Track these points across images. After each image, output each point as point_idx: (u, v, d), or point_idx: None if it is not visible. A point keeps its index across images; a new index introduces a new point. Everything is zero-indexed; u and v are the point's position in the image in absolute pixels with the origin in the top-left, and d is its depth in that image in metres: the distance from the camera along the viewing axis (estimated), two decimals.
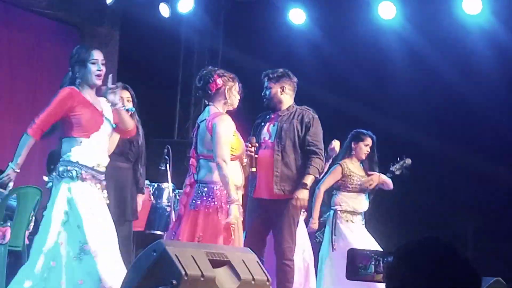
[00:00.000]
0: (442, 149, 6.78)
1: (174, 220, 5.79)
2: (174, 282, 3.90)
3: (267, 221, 4.99)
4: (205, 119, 4.51)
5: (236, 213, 4.50)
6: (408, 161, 5.80)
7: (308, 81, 6.64)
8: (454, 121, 7.20)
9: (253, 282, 4.27)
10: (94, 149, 4.23)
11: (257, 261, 4.47)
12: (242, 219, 4.78)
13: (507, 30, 6.92)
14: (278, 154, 4.97)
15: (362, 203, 5.88)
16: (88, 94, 4.19)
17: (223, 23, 8.50)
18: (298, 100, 5.19)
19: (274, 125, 5.09)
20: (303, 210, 5.45)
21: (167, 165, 5.97)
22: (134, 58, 8.06)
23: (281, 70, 5.10)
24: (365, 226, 5.95)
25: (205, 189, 4.68)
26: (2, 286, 6.05)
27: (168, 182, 6.05)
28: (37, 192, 6.30)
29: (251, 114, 5.24)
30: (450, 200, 6.73)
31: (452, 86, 7.07)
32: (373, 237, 5.74)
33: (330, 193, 6.01)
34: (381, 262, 2.43)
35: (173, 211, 6.01)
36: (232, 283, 4.25)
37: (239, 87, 4.62)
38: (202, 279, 4.05)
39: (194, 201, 4.64)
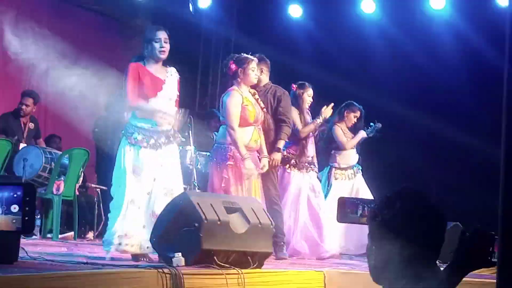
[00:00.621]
0: (411, 117, 7.80)
1: (195, 176, 6.83)
2: (196, 225, 4.47)
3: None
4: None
5: (249, 166, 5.06)
6: (379, 125, 6.61)
7: (305, 63, 7.72)
8: (421, 95, 8.31)
9: (259, 225, 4.85)
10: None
11: (263, 209, 5.09)
12: (257, 171, 5.35)
13: (464, 21, 8.02)
14: None
15: (352, 157, 6.71)
16: (153, 67, 4.64)
17: (236, 17, 9.49)
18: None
19: None
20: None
21: (190, 132, 6.48)
22: None
23: (258, 55, 5.53)
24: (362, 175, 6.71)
25: (219, 148, 5.35)
26: (57, 228, 6.81)
27: (190, 145, 6.61)
28: (85, 153, 7.28)
29: None
30: (416, 158, 7.77)
31: (421, 67, 8.16)
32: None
33: (327, 151, 6.77)
34: (366, 208, 2.53)
35: (194, 169, 6.72)
36: (243, 226, 4.81)
37: (255, 66, 5.18)
38: (218, 222, 4.61)
39: (211, 159, 5.49)
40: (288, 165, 6.15)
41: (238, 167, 5.22)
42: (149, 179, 4.66)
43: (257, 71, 5.30)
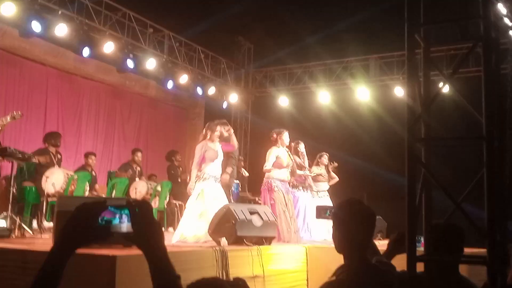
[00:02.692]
0: (349, 159, 11.43)
1: None
2: (233, 222, 6.08)
3: None
4: None
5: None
6: (335, 164, 10.01)
7: (292, 132, 9.07)
8: (353, 146, 12.09)
9: (269, 221, 6.52)
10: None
11: (271, 212, 6.89)
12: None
13: (377, 104, 11.94)
14: None
15: (323, 185, 9.60)
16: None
17: (250, 106, 14.18)
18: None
19: None
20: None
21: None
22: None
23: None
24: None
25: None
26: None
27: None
28: (168, 183, 10.30)
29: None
30: (353, 179, 11.29)
31: (354, 131, 12.01)
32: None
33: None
34: (330, 211, 3.21)
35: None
36: (259, 222, 6.45)
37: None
38: (246, 220, 6.20)
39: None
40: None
41: None
42: None
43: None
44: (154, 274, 1.62)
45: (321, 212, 3.33)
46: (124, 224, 1.64)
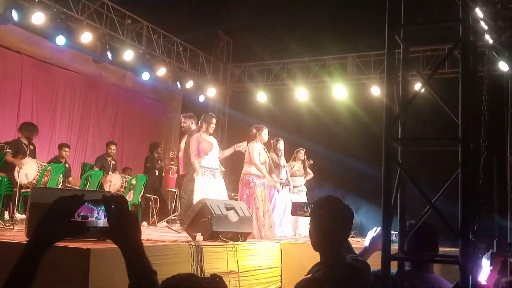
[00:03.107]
0: (327, 153, 11.81)
1: None
2: (209, 216, 6.09)
3: None
4: None
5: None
6: (311, 161, 10.36)
7: (270, 127, 9.20)
8: (331, 140, 12.31)
9: (244, 217, 6.59)
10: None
11: (247, 208, 6.96)
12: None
13: (354, 102, 12.14)
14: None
15: (300, 180, 9.90)
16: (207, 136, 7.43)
17: (228, 101, 14.20)
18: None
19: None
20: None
21: None
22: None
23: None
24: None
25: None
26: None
27: None
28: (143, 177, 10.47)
29: None
30: (330, 175, 11.67)
31: (330, 128, 12.20)
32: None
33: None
34: (308, 207, 3.18)
35: None
36: (235, 217, 6.48)
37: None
38: (221, 215, 6.26)
39: None
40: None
41: None
42: None
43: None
44: (130, 269, 1.62)
45: (296, 208, 3.30)
46: (100, 220, 1.65)
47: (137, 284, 1.60)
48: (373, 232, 2.90)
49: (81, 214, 1.63)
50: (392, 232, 2.35)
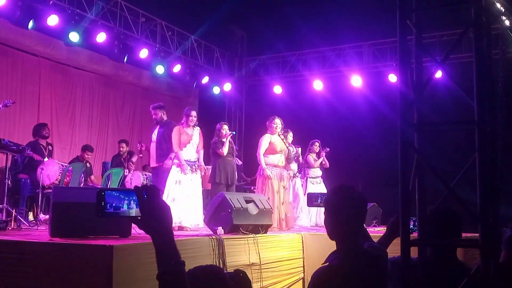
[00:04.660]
0: (342, 145, 11.58)
1: None
2: (229, 210, 6.10)
3: None
4: None
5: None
6: (328, 149, 9.95)
7: (285, 118, 9.16)
8: (347, 133, 12.27)
9: (264, 209, 6.53)
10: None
11: (267, 200, 6.94)
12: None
13: (371, 91, 11.97)
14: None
15: (316, 171, 9.88)
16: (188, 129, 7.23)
17: (244, 94, 14.22)
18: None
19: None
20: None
21: None
22: (204, 113, 12.29)
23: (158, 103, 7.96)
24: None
25: None
26: None
27: None
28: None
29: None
30: (347, 166, 11.65)
31: (347, 118, 12.12)
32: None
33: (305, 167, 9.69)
34: (322, 198, 3.27)
35: None
36: (255, 210, 6.45)
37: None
38: (241, 208, 6.23)
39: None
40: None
41: None
42: None
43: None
44: (159, 258, 1.63)
45: (312, 199, 3.32)
46: (133, 210, 1.68)
47: (166, 273, 1.61)
48: (393, 219, 2.88)
49: (114, 204, 1.65)
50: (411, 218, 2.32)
